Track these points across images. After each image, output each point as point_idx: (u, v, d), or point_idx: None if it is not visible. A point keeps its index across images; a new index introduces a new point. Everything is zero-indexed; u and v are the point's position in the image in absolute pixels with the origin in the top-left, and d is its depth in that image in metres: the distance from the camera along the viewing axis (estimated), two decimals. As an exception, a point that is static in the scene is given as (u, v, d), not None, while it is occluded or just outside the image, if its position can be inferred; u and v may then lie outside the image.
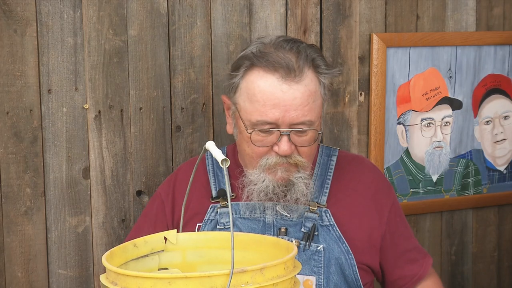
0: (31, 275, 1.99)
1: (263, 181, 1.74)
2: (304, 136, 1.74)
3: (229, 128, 1.85)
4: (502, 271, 2.63)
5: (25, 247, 1.98)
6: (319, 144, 1.92)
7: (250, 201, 1.78)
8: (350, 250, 1.77)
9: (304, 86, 1.71)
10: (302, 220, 1.78)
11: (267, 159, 1.74)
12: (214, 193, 1.84)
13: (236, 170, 1.83)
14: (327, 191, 1.82)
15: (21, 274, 1.98)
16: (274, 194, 1.75)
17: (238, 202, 1.80)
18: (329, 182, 1.84)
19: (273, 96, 1.70)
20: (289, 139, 1.71)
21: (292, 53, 1.73)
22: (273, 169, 1.74)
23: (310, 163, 1.78)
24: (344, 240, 1.77)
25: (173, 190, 1.89)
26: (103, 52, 1.99)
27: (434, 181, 2.45)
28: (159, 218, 1.89)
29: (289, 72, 1.70)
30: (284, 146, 1.71)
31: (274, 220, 1.79)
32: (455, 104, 2.44)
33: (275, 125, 1.71)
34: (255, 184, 1.76)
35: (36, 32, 1.92)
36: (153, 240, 1.53)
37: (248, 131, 1.74)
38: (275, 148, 1.73)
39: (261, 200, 1.77)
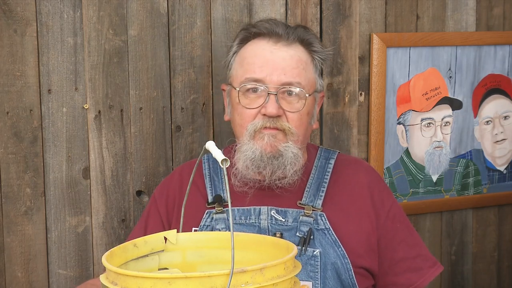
0: (31, 275, 1.99)
1: (251, 149, 1.73)
2: (293, 101, 1.75)
3: (225, 115, 1.87)
4: (502, 271, 2.63)
5: (25, 247, 1.98)
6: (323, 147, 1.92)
7: (237, 186, 1.77)
8: (346, 254, 1.74)
9: (294, 51, 1.77)
10: (297, 224, 1.76)
11: (255, 123, 1.74)
12: (210, 198, 1.83)
13: (231, 171, 1.80)
14: (323, 194, 1.80)
15: (21, 274, 1.98)
16: (261, 161, 1.73)
17: (233, 208, 1.78)
18: (325, 185, 1.81)
19: (262, 56, 1.75)
20: (277, 101, 1.73)
21: (284, 26, 1.79)
22: (260, 134, 1.73)
23: (298, 135, 1.76)
24: (340, 244, 1.74)
25: (167, 192, 1.89)
26: (103, 52, 1.99)
27: (434, 181, 2.45)
28: (151, 218, 1.88)
29: (279, 37, 1.76)
30: (271, 106, 1.72)
31: (269, 225, 1.77)
32: (455, 104, 2.44)
33: (262, 83, 1.74)
34: (243, 152, 1.75)
35: (36, 32, 1.92)
36: (153, 240, 1.53)
37: (237, 88, 1.76)
38: (263, 110, 1.74)
39: (247, 168, 1.74)
